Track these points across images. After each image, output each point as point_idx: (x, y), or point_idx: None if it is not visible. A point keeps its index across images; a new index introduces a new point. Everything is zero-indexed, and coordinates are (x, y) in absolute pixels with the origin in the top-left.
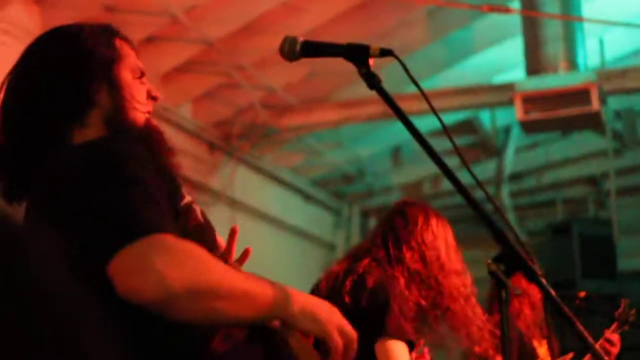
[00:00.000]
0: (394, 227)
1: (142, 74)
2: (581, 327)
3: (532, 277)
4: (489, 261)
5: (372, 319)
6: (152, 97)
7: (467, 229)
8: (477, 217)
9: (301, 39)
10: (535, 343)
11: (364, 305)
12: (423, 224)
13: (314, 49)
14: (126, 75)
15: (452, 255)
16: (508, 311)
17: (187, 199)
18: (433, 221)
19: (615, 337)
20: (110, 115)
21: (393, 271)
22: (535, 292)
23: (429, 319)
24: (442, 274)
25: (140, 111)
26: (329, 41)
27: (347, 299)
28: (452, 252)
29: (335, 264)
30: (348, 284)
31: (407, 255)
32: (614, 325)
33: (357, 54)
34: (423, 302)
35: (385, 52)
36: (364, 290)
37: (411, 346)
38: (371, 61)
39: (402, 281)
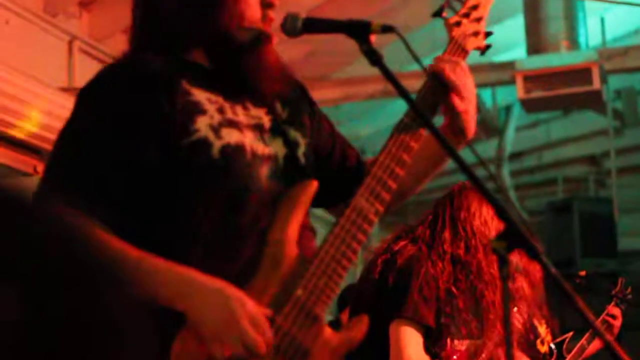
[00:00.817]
0: (445, 208)
1: None
2: (582, 305)
3: (533, 255)
4: (491, 238)
5: (393, 298)
6: (266, 4)
7: None
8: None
9: (303, 15)
10: (535, 322)
11: (390, 284)
12: (476, 210)
13: (315, 25)
14: None
15: None
16: (509, 288)
17: (201, 133)
18: (485, 210)
19: (617, 311)
20: (202, 30)
21: (430, 251)
22: (535, 271)
23: (457, 303)
24: (486, 262)
25: (248, 22)
26: (329, 18)
27: (376, 276)
28: None
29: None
30: (380, 262)
31: (450, 238)
32: (611, 304)
33: (359, 31)
34: (454, 288)
35: (386, 29)
36: (393, 269)
37: (429, 331)
38: (373, 38)
39: (439, 264)
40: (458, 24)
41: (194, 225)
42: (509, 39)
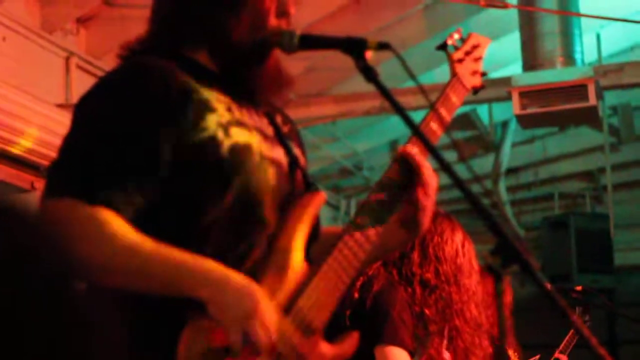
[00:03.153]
0: None
1: None
2: (577, 320)
3: (527, 270)
4: (486, 254)
5: (372, 323)
6: (282, 14)
7: (464, 223)
8: (474, 211)
9: (299, 32)
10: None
11: (367, 308)
12: (448, 237)
13: (312, 41)
14: None
15: (473, 279)
16: (503, 303)
17: (210, 131)
18: (458, 237)
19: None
20: (213, 34)
21: (400, 274)
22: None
23: (430, 329)
24: (457, 291)
25: (257, 30)
26: (326, 34)
27: (356, 296)
28: (474, 276)
29: None
30: (358, 283)
31: (419, 260)
32: (570, 334)
33: (355, 48)
34: (427, 312)
35: (382, 46)
36: (370, 292)
37: (412, 355)
38: (368, 55)
39: (409, 288)
40: (460, 60)
41: (203, 224)
42: (504, 55)
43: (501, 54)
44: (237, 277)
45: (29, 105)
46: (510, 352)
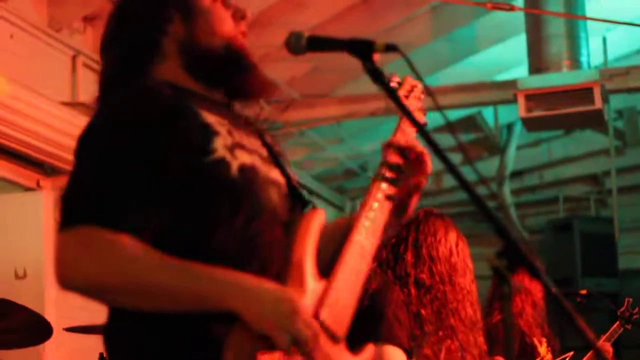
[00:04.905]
0: (409, 233)
1: None
2: (583, 324)
3: (534, 274)
4: (491, 256)
5: (368, 323)
6: (241, 17)
7: (469, 226)
8: (479, 214)
9: (307, 33)
10: (536, 342)
11: (364, 307)
12: (442, 237)
13: (319, 43)
14: (203, 0)
15: (467, 278)
16: (510, 306)
17: (219, 153)
18: (452, 237)
19: (607, 347)
20: (184, 44)
21: (394, 275)
22: (537, 291)
23: (426, 329)
24: (452, 290)
25: (221, 36)
26: (333, 36)
27: None
28: (469, 275)
29: None
30: None
31: (413, 260)
32: (616, 324)
33: (362, 49)
34: (423, 312)
35: (390, 48)
36: (366, 292)
37: (408, 354)
38: (376, 56)
39: (404, 288)
40: (406, 97)
41: (214, 245)
42: (511, 58)
43: (507, 56)
44: (268, 284)
45: (35, 103)
46: (536, 342)
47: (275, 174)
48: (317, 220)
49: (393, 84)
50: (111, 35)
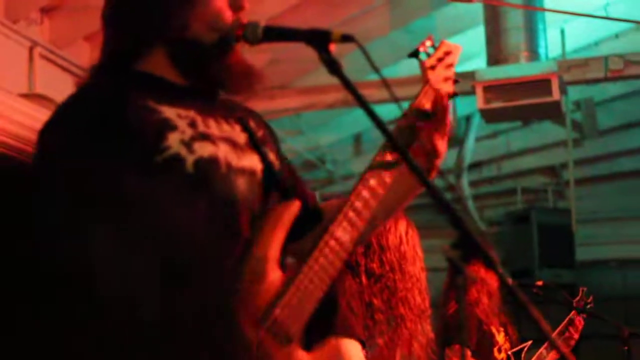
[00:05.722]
0: None
1: None
2: (538, 315)
3: (489, 265)
4: (446, 247)
5: (321, 314)
6: (239, 7)
7: (428, 217)
8: (435, 206)
9: (263, 23)
10: (494, 331)
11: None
12: (391, 226)
13: (275, 33)
14: None
15: (417, 266)
16: (465, 297)
17: (172, 150)
18: (402, 225)
19: (581, 323)
20: (175, 34)
21: (347, 267)
22: (493, 281)
23: (376, 318)
24: (401, 279)
25: (217, 27)
26: (290, 26)
27: None
28: (418, 263)
29: None
30: None
31: (363, 250)
32: (571, 314)
33: (319, 39)
34: (375, 301)
35: (346, 38)
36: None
37: (363, 345)
38: (332, 47)
39: (356, 278)
40: (433, 67)
41: (179, 241)
42: (469, 50)
43: (465, 48)
44: None
45: None
46: (494, 331)
47: (249, 162)
48: (289, 211)
49: (423, 48)
50: (110, 15)
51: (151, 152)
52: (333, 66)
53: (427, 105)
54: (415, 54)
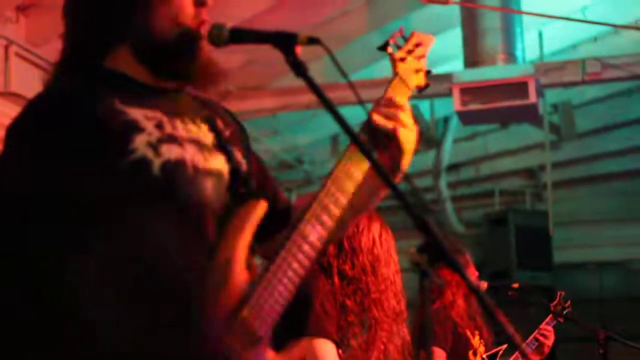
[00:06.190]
0: None
1: None
2: (504, 319)
3: (454, 269)
4: (412, 251)
5: (295, 314)
6: (201, 3)
7: (402, 219)
8: (402, 208)
9: (229, 25)
10: (469, 333)
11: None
12: (364, 228)
13: (242, 35)
14: None
15: (391, 268)
16: (429, 301)
17: (139, 152)
18: (375, 228)
19: (549, 330)
20: (138, 33)
21: (321, 268)
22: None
23: (349, 319)
24: (375, 281)
25: (178, 23)
26: (257, 28)
27: None
28: (393, 266)
29: None
30: None
31: (335, 252)
32: (548, 317)
33: (285, 42)
34: (348, 302)
35: (312, 40)
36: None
37: (336, 344)
38: (298, 49)
39: (329, 279)
40: (402, 59)
41: (148, 246)
42: (446, 51)
43: (442, 50)
44: None
45: None
46: (469, 334)
47: (216, 163)
48: (256, 212)
49: (393, 40)
50: (71, 12)
51: (117, 154)
52: (299, 69)
53: (396, 98)
54: (384, 46)
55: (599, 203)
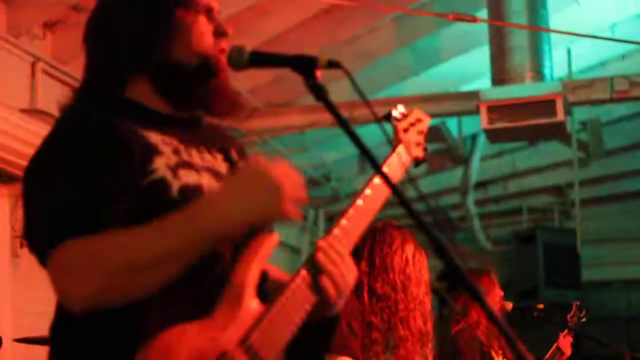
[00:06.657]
0: (366, 242)
1: (210, 10)
2: (521, 347)
3: (473, 295)
4: (432, 279)
5: (320, 331)
6: (221, 34)
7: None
8: (441, 226)
9: (249, 48)
10: (493, 353)
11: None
12: (398, 248)
13: (261, 59)
14: (182, 13)
15: (422, 289)
16: (449, 327)
17: (159, 173)
18: (409, 248)
19: (566, 345)
20: (156, 62)
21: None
22: (494, 303)
23: (373, 337)
24: (404, 299)
25: (198, 53)
26: (277, 52)
27: None
28: (424, 287)
29: None
30: None
31: (367, 269)
32: (564, 332)
33: (305, 66)
34: (374, 320)
35: (332, 64)
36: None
37: None
38: (318, 73)
39: (358, 297)
40: (406, 130)
41: None
42: (474, 69)
43: (470, 67)
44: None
45: None
46: (493, 353)
47: None
48: (268, 244)
49: (396, 112)
50: (92, 42)
51: (139, 173)
52: (319, 92)
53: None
54: (388, 117)
55: (627, 221)
